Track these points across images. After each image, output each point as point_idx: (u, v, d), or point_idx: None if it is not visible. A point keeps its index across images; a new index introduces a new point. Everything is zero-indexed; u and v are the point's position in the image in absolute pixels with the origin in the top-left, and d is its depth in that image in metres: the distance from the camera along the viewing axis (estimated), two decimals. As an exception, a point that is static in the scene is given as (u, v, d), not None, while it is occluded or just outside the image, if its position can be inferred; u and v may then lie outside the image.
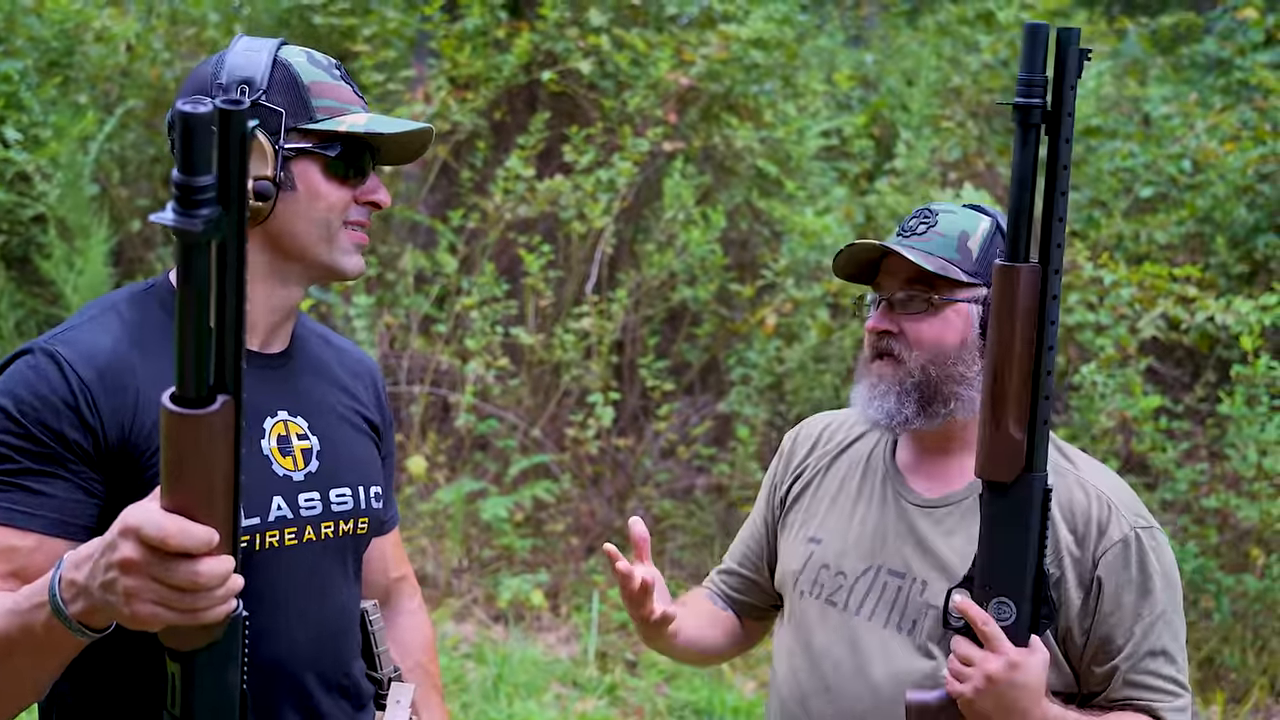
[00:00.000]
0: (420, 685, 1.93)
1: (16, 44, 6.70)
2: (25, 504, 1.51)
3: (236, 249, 1.14)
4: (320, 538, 1.70)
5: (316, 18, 7.09)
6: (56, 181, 6.16)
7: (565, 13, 6.43)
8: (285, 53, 1.68)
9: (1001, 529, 1.70)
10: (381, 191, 1.73)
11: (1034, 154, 1.65)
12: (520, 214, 6.16)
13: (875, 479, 2.01)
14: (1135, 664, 1.81)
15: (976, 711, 1.69)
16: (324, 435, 1.74)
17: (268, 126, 1.63)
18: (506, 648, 5.09)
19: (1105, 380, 5.14)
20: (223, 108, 1.08)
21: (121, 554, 1.21)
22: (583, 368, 5.95)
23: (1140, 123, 6.82)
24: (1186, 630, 1.86)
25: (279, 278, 1.69)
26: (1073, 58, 1.63)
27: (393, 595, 1.99)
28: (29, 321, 6.44)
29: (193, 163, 1.07)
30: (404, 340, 6.25)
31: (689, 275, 6.12)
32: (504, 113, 6.70)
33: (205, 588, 1.21)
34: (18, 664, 1.38)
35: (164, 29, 7.29)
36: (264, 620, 1.61)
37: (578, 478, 5.97)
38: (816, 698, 1.92)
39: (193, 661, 1.29)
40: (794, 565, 2.03)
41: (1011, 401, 1.68)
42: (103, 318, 1.64)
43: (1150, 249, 5.92)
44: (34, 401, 1.53)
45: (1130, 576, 1.81)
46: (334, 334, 1.94)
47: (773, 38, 6.42)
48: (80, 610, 1.29)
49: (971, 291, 1.89)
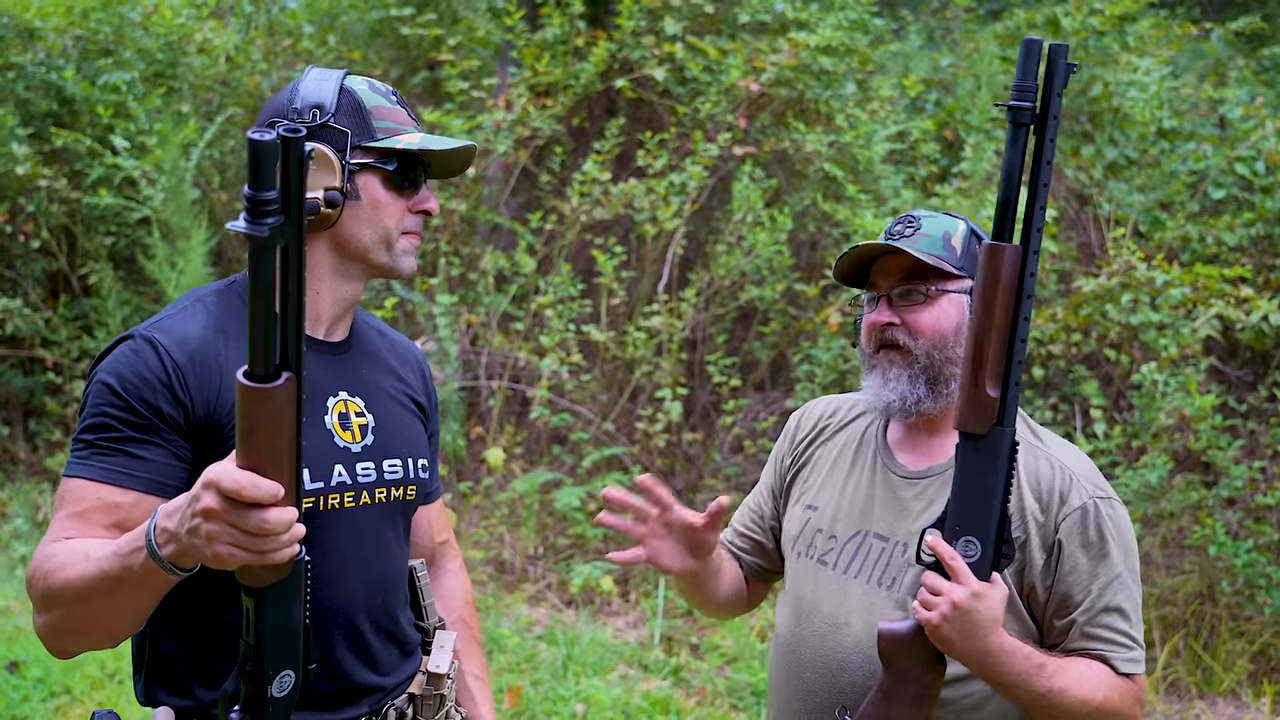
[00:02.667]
0: (460, 636, 2.21)
1: (125, 56, 7.10)
2: (127, 466, 1.78)
3: (297, 251, 1.38)
4: (374, 501, 1.95)
5: (405, 29, 7.41)
6: (160, 186, 6.53)
7: (641, 22, 6.67)
8: (350, 81, 1.94)
9: (973, 475, 1.91)
10: (432, 201, 2.00)
11: (1022, 150, 1.86)
12: (596, 216, 6.41)
13: (867, 453, 2.23)
14: (1092, 618, 2.01)
15: (941, 637, 1.88)
16: (378, 413, 2.00)
17: (335, 144, 1.89)
18: (576, 630, 5.34)
19: (1166, 380, 5.24)
20: (284, 135, 1.33)
21: (204, 503, 1.47)
22: (653, 364, 6.19)
23: (1216, 124, 6.86)
24: (1240, 625, 2.05)
25: (343, 275, 1.95)
26: (1060, 70, 1.85)
27: (437, 556, 2.26)
28: (135, 318, 6.84)
29: (259, 180, 1.32)
30: (484, 337, 6.53)
31: (758, 276, 6.32)
32: (582, 119, 6.96)
33: (273, 533, 1.46)
34: (121, 599, 1.65)
35: (262, 41, 7.66)
36: (325, 570, 1.88)
37: (648, 470, 6.20)
38: (806, 647, 2.15)
39: (263, 597, 1.54)
40: (794, 530, 2.27)
41: (990, 363, 1.90)
42: (193, 309, 1.91)
43: (1220, 251, 5.99)
44: (135, 380, 1.80)
45: (1088, 540, 2.02)
46: (386, 325, 2.20)
47: (842, 44, 6.59)
48: (171, 553, 1.55)
49: (960, 283, 2.12)
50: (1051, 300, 5.98)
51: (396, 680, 2.02)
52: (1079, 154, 6.42)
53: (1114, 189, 6.30)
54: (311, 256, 1.92)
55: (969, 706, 2.05)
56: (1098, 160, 6.37)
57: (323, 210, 1.86)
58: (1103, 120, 6.47)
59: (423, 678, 2.07)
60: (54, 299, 7.21)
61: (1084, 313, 5.54)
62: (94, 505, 1.76)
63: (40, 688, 4.65)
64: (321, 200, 1.85)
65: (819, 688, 2.11)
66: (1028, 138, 1.85)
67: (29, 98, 6.90)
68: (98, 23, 7.09)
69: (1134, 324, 5.44)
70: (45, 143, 6.83)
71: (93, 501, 1.76)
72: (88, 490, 1.77)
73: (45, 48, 6.99)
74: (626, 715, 4.70)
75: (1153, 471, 5.09)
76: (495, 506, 6.09)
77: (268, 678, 1.58)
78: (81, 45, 7.10)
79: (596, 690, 4.80)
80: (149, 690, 1.89)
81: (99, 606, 1.67)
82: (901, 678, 1.94)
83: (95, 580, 1.64)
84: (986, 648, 1.88)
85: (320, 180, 1.86)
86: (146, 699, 1.90)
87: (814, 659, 2.14)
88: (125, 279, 7.01)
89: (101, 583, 1.64)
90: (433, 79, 7.53)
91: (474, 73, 7.27)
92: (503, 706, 4.71)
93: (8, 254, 7.09)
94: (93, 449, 1.79)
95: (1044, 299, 5.99)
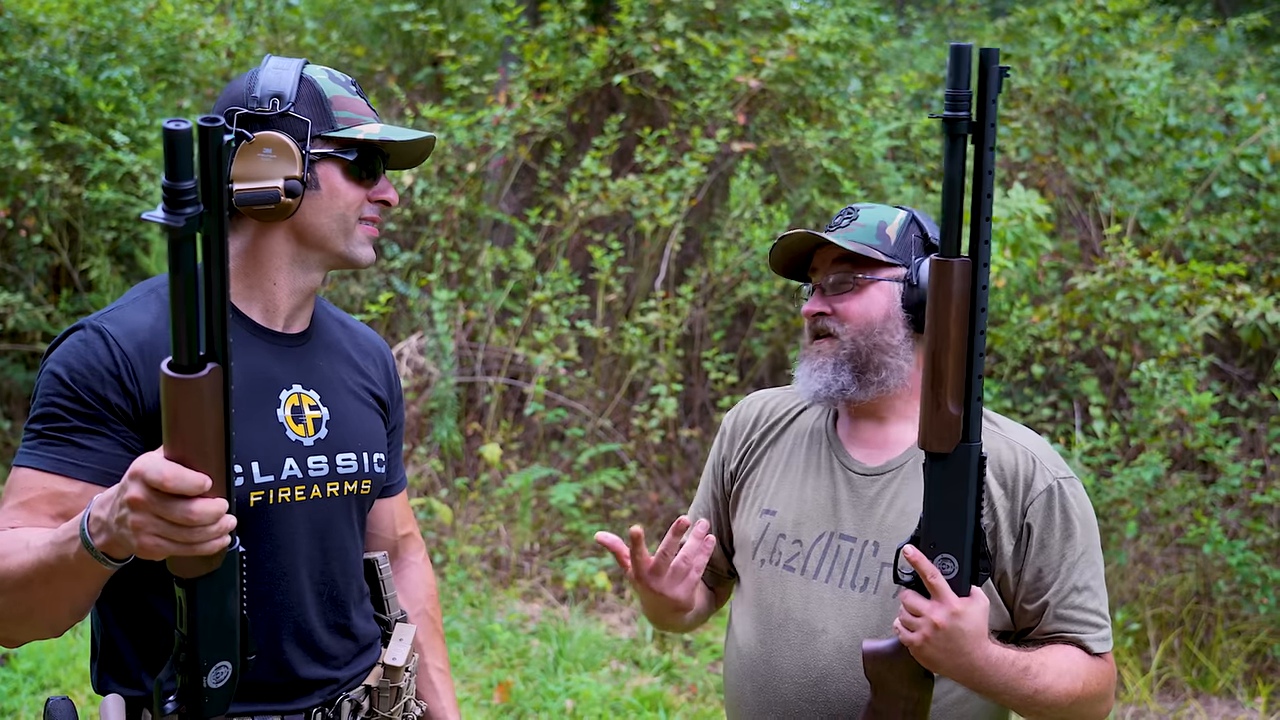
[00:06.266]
0: (423, 628, 2.20)
1: (127, 51, 7.11)
2: (74, 457, 1.78)
3: (219, 242, 1.37)
4: (326, 495, 1.94)
5: (407, 25, 7.41)
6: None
7: (642, 18, 6.66)
8: (309, 70, 1.94)
9: (942, 493, 1.89)
10: (390, 192, 1.98)
11: (961, 161, 1.81)
12: (594, 212, 6.41)
13: (820, 451, 2.20)
14: (1063, 599, 2.02)
15: (925, 656, 1.88)
16: (333, 407, 1.98)
17: (295, 133, 1.88)
18: (569, 626, 5.34)
19: (1164, 377, 5.21)
20: (202, 125, 1.32)
21: (130, 494, 1.47)
22: (650, 360, 6.18)
23: (1222, 121, 6.82)
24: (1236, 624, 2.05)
25: (301, 265, 1.94)
26: (993, 76, 1.79)
27: (400, 549, 2.24)
28: (135, 313, 6.83)
29: (176, 170, 1.31)
30: (482, 333, 6.54)
31: (755, 272, 6.31)
32: (582, 115, 6.96)
33: (199, 524, 1.46)
34: (57, 588, 1.65)
35: (264, 36, 7.68)
36: (274, 564, 1.88)
37: (644, 466, 6.20)
38: (780, 657, 2.11)
39: (195, 587, 1.54)
40: (752, 537, 2.22)
41: (949, 381, 1.87)
42: (144, 299, 1.91)
43: (1223, 249, 5.95)
44: (83, 370, 1.80)
45: (1054, 521, 2.03)
46: (349, 317, 2.19)
47: (842, 41, 6.57)
48: (103, 543, 1.55)
49: (891, 271, 2.12)
50: (1050, 298, 5.95)
51: (351, 673, 2.01)
52: (1081, 151, 6.38)
53: (1116, 186, 6.26)
54: (270, 246, 1.91)
55: (952, 702, 2.05)
56: (1099, 157, 6.34)
57: (283, 200, 1.85)
58: (1107, 117, 6.44)
59: (380, 670, 2.06)
60: (55, 294, 7.23)
61: (1080, 310, 5.51)
62: (40, 495, 1.76)
63: (30, 680, 4.67)
64: (282, 190, 1.84)
65: (799, 698, 2.08)
66: (966, 147, 1.80)
67: (31, 93, 6.91)
68: (100, 18, 7.10)
69: (1134, 321, 5.41)
70: (47, 138, 6.84)
71: (39, 491, 1.76)
72: (35, 480, 1.77)
73: (48, 43, 7.00)
74: (616, 711, 4.70)
75: (1149, 470, 5.07)
76: (491, 502, 6.09)
77: (203, 668, 1.57)
78: (84, 41, 7.11)
79: (586, 686, 4.80)
80: (101, 679, 1.90)
81: (37, 595, 1.66)
82: (891, 696, 1.94)
83: (33, 569, 1.64)
84: (972, 663, 1.88)
85: (280, 169, 1.85)
86: (99, 687, 1.90)
87: (792, 669, 2.10)
88: (126, 274, 7.02)
89: (39, 571, 1.63)
90: (435, 75, 7.53)
91: (475, 69, 7.27)
92: (492, 702, 4.71)
93: (9, 249, 7.11)
94: (41, 439, 1.79)
95: (1042, 296, 5.97)
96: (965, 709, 2.06)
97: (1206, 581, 5.18)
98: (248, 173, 1.83)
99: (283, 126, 1.87)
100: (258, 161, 1.84)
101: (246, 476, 1.84)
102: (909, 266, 2.10)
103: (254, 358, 1.90)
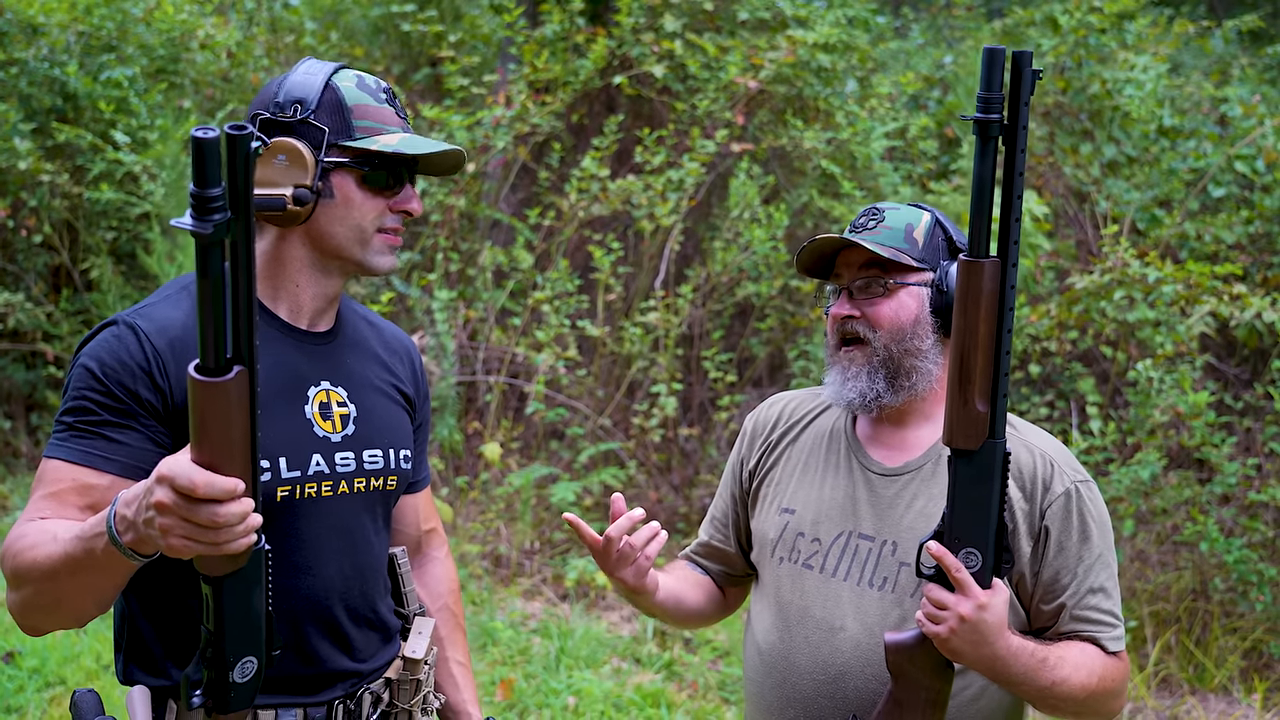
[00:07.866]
0: (444, 622, 2.23)
1: (127, 52, 7.13)
2: (103, 449, 1.80)
3: (245, 247, 1.39)
4: (353, 491, 1.97)
5: (406, 25, 7.44)
6: (161, 181, 6.56)
7: (641, 18, 6.68)
8: (338, 77, 1.93)
9: (968, 489, 1.92)
10: (414, 202, 1.98)
11: (992, 162, 1.82)
12: (594, 212, 6.44)
13: (839, 451, 2.22)
14: (1079, 600, 2.05)
15: (951, 649, 1.91)
16: (360, 404, 2.01)
17: (312, 141, 1.88)
18: (570, 624, 5.36)
19: (1161, 377, 5.25)
20: (229, 133, 1.34)
21: (157, 498, 1.48)
22: (650, 360, 6.21)
23: (1217, 122, 6.87)
24: (1233, 621, 2.08)
25: (320, 270, 1.96)
26: (1026, 78, 1.80)
27: (424, 544, 2.28)
28: (135, 312, 6.85)
29: (205, 177, 1.33)
30: (482, 333, 6.56)
31: (755, 272, 6.34)
32: (581, 115, 6.98)
33: (225, 525, 1.47)
34: (84, 580, 1.68)
35: (264, 37, 7.70)
36: (301, 558, 1.90)
37: (644, 465, 6.23)
38: (799, 654, 2.14)
39: (222, 585, 1.56)
40: (771, 535, 2.24)
41: (977, 379, 1.89)
42: (176, 296, 1.93)
43: (1218, 248, 6.00)
44: (115, 365, 1.82)
45: (1072, 524, 2.06)
46: (375, 315, 2.21)
47: (839, 42, 6.60)
48: (130, 540, 1.57)
49: (920, 275, 2.12)
50: (1047, 297, 5.99)
51: (374, 665, 2.04)
52: (1077, 151, 6.43)
53: (1112, 186, 6.30)
54: (289, 251, 1.93)
55: (969, 699, 2.08)
56: (1096, 158, 6.38)
57: (290, 208, 1.85)
58: (1103, 118, 6.48)
59: (400, 663, 2.09)
60: (56, 293, 7.25)
61: (1077, 310, 5.55)
62: (69, 486, 1.78)
63: (35, 678, 4.69)
64: (289, 198, 1.85)
65: (818, 694, 2.11)
66: (997, 149, 1.81)
67: (32, 93, 6.93)
68: (100, 19, 7.13)
69: (1130, 321, 5.45)
70: (48, 138, 6.86)
71: (68, 483, 1.79)
72: (64, 471, 1.79)
73: (48, 43, 7.02)
74: (617, 708, 4.72)
75: (1145, 468, 5.11)
76: (492, 501, 6.12)
77: (229, 663, 1.59)
78: (84, 41, 7.13)
79: (588, 683, 4.82)
80: (127, 670, 1.92)
81: (63, 587, 1.69)
82: (912, 686, 1.97)
83: (60, 561, 1.67)
84: (995, 653, 1.91)
85: (291, 177, 1.86)
86: (125, 678, 1.93)
87: (810, 666, 2.12)
88: (126, 274, 7.04)
89: (65, 564, 1.66)
90: (434, 75, 7.55)
91: (474, 69, 7.29)
92: (494, 699, 4.74)
93: (10, 248, 7.13)
94: (71, 431, 1.81)
95: (1040, 296, 6.01)
96: (981, 705, 2.09)
97: (1203, 579, 5.22)
98: (260, 178, 1.85)
99: (300, 133, 1.88)
100: (271, 167, 1.86)
101: (274, 472, 1.87)
102: (936, 270, 2.11)
103: (282, 355, 1.92)
